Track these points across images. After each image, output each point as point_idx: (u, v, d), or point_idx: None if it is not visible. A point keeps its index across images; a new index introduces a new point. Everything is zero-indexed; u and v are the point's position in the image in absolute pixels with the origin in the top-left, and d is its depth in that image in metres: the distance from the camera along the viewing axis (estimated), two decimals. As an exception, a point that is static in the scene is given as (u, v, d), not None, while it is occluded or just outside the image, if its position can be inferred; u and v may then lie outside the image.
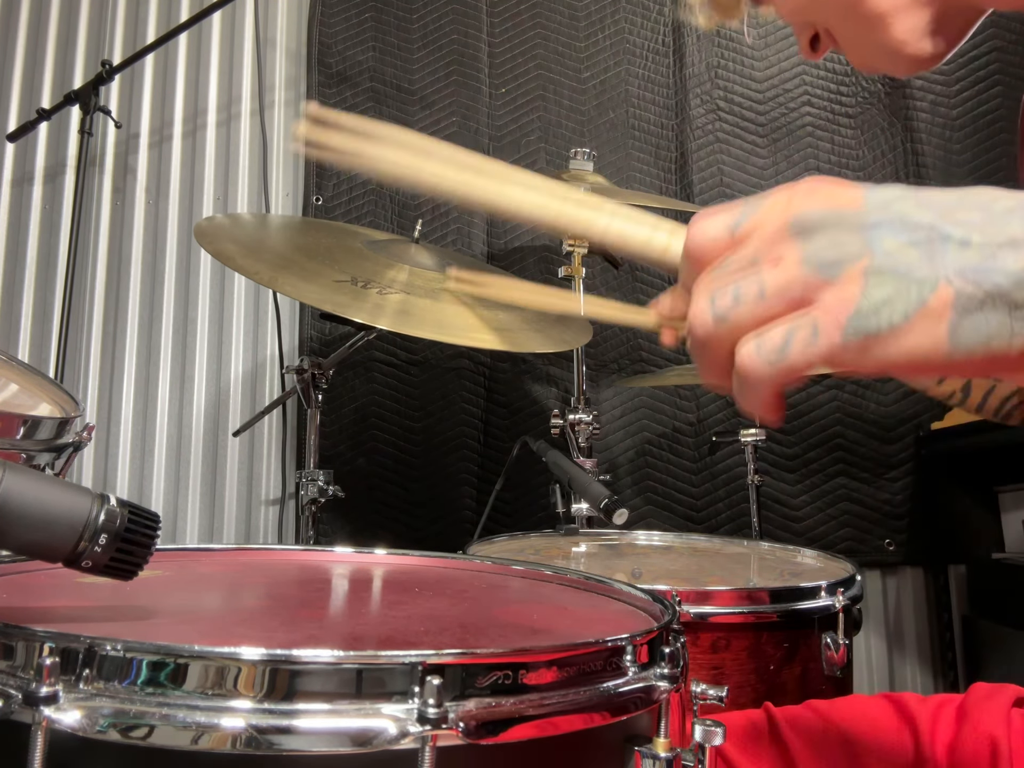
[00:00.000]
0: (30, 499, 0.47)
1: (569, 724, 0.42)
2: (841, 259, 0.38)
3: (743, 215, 0.42)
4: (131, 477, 1.93)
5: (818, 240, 0.39)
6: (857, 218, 0.39)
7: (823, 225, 0.39)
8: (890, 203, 0.39)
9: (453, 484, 1.93)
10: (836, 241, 0.38)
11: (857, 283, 0.38)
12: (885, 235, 0.38)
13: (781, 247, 0.40)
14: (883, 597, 2.02)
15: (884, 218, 0.39)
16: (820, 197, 0.40)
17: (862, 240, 0.38)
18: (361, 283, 1.25)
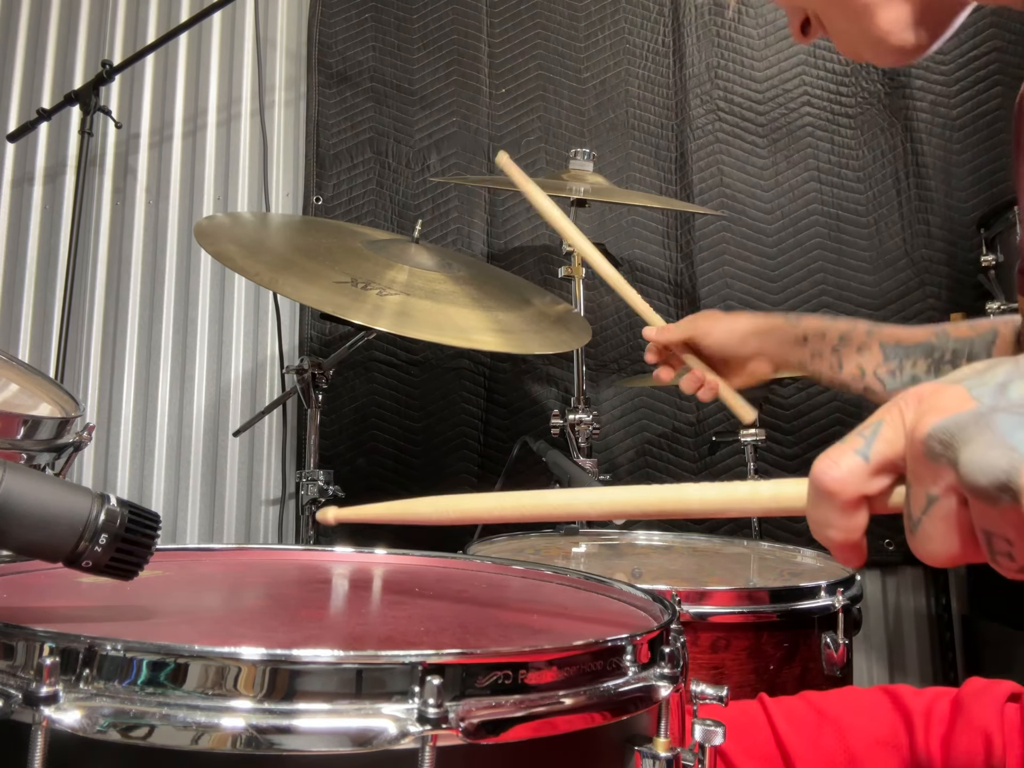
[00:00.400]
0: (30, 499, 0.47)
1: (569, 724, 0.42)
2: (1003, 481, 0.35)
3: (867, 444, 0.40)
4: (131, 477, 1.93)
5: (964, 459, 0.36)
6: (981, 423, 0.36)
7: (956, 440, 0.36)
8: (1002, 391, 0.37)
9: (453, 484, 1.93)
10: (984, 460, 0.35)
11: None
12: (1021, 433, 0.35)
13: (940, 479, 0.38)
14: (883, 597, 2.02)
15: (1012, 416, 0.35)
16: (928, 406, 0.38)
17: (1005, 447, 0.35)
18: (361, 284, 1.25)
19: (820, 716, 0.73)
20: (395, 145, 2.06)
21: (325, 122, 2.06)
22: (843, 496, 0.41)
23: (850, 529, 0.42)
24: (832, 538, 0.42)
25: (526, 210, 2.06)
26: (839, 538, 0.42)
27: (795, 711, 0.74)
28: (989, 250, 1.79)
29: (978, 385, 0.38)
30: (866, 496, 0.41)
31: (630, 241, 2.06)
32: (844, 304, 2.02)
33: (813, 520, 0.42)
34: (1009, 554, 0.37)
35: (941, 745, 0.69)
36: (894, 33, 0.68)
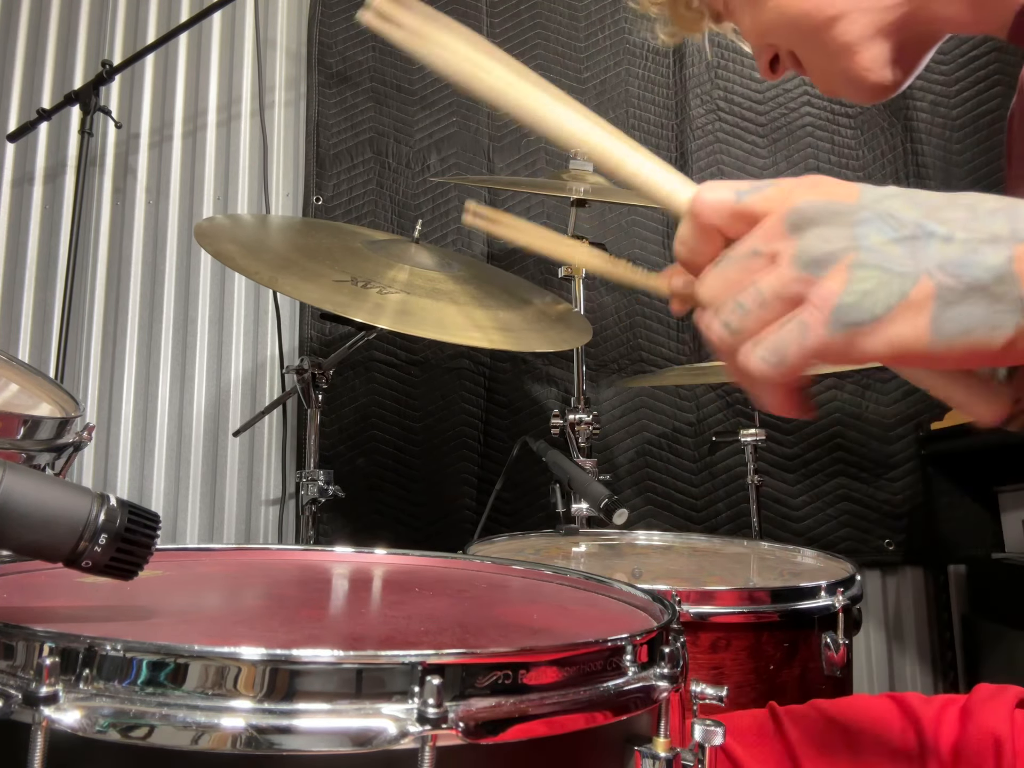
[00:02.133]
0: (30, 499, 0.47)
1: (569, 724, 0.42)
2: (829, 255, 0.40)
3: (749, 190, 0.44)
4: (131, 477, 1.93)
5: (809, 236, 0.41)
6: (849, 214, 0.41)
7: (816, 220, 0.41)
8: (881, 200, 0.41)
9: (453, 484, 1.93)
10: (826, 237, 0.40)
11: (841, 278, 0.39)
12: (872, 231, 0.40)
13: (777, 242, 0.42)
14: (883, 597, 2.02)
15: (873, 214, 0.40)
16: (820, 191, 0.42)
17: (850, 235, 0.40)
18: (361, 283, 1.25)
19: (829, 724, 0.73)
20: (395, 145, 2.07)
21: (325, 122, 2.06)
22: (702, 217, 0.45)
23: (693, 251, 0.46)
24: (677, 253, 0.47)
25: (526, 210, 2.06)
26: (682, 254, 0.47)
27: (805, 719, 0.74)
28: (989, 250, 1.79)
29: (869, 189, 0.42)
30: (719, 228, 0.45)
31: (630, 241, 2.06)
32: (844, 304, 2.02)
33: (677, 237, 0.47)
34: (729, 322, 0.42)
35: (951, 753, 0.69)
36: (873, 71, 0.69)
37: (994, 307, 0.38)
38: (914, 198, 0.41)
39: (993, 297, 0.38)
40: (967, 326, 0.39)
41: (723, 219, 0.44)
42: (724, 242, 0.45)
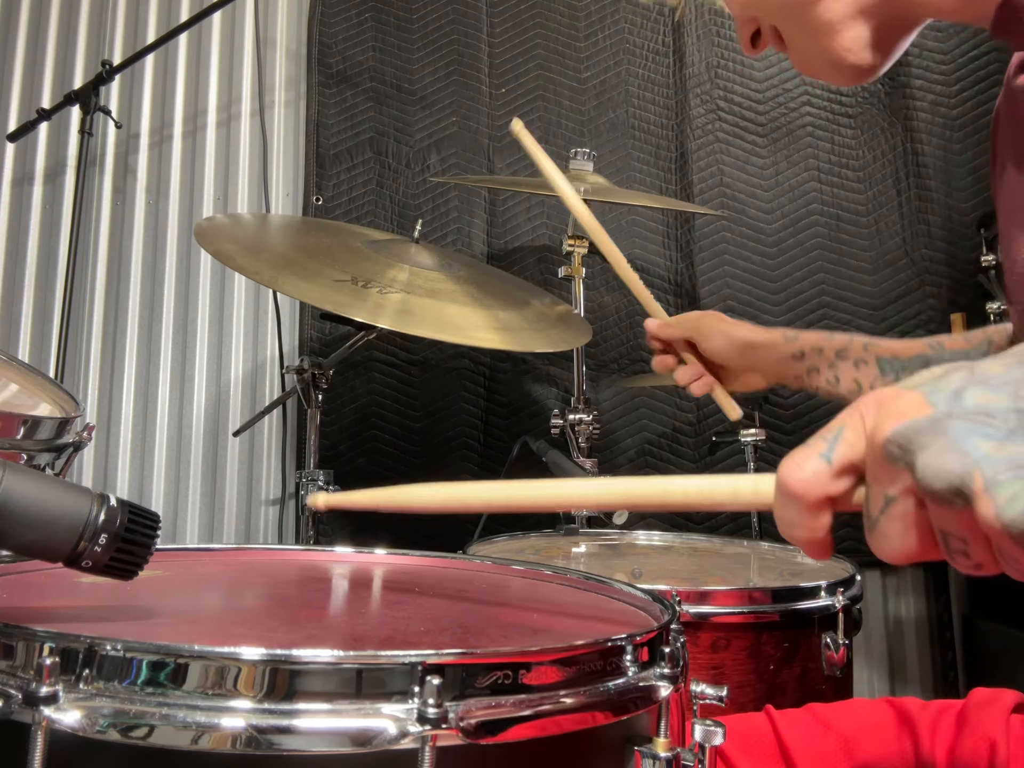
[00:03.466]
0: (30, 499, 0.47)
1: (569, 724, 0.42)
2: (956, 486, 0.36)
3: (829, 448, 0.41)
4: (131, 477, 1.93)
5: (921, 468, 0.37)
6: (939, 431, 0.37)
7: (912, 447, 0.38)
8: (956, 397, 0.38)
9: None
10: (937, 465, 0.37)
11: (986, 503, 0.36)
12: (978, 441, 0.36)
13: (898, 481, 0.39)
14: (883, 597, 2.02)
15: (963, 421, 0.37)
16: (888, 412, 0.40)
17: (959, 453, 0.36)
18: (361, 283, 1.25)
19: (826, 728, 0.73)
20: (395, 145, 2.06)
21: (325, 122, 2.06)
22: (808, 498, 0.42)
23: (815, 528, 0.43)
24: (798, 537, 0.44)
25: (526, 210, 2.06)
26: (805, 536, 0.44)
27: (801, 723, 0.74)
28: (989, 250, 1.79)
29: (934, 391, 0.39)
30: (830, 497, 0.42)
31: (630, 241, 2.06)
32: (844, 304, 2.02)
33: (780, 520, 0.44)
34: (964, 552, 0.39)
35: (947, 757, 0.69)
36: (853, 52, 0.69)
37: None
38: (986, 379, 0.39)
39: None
40: None
41: (827, 488, 0.42)
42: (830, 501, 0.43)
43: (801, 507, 0.42)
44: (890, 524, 0.40)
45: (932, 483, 0.37)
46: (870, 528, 0.41)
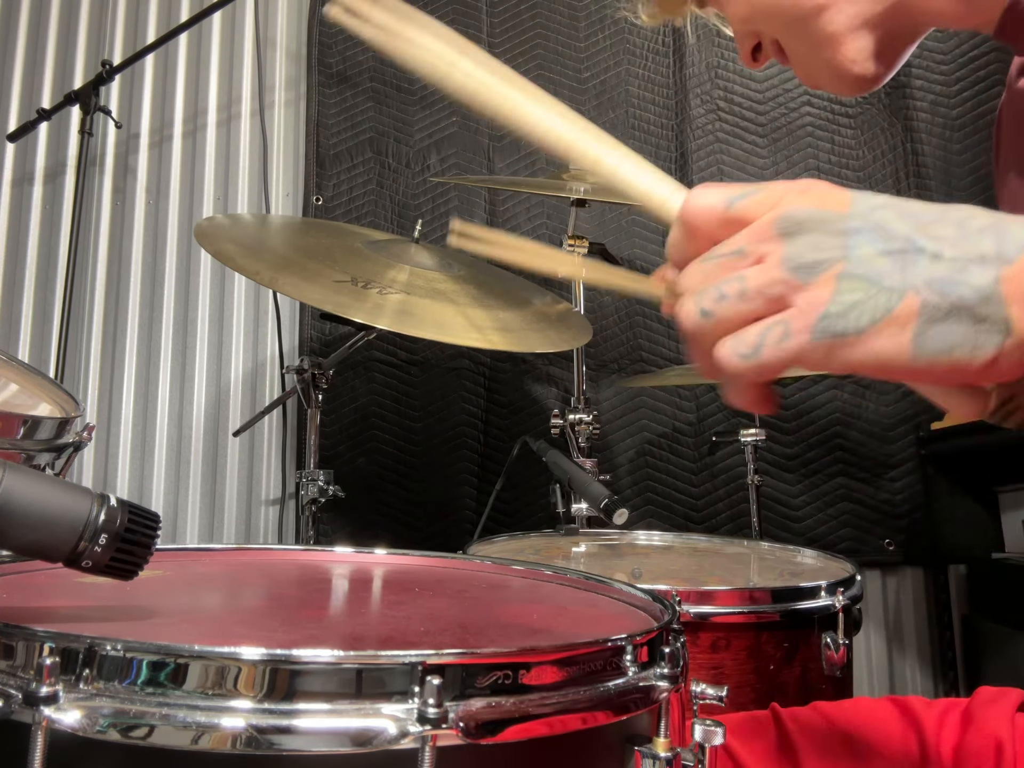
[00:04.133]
0: (30, 499, 0.47)
1: (569, 724, 0.42)
2: (818, 262, 0.40)
3: (740, 196, 0.43)
4: (131, 477, 1.93)
5: (800, 242, 0.41)
6: (840, 222, 0.41)
7: (807, 226, 0.41)
8: (874, 210, 0.41)
9: (453, 484, 1.93)
10: (816, 244, 0.40)
11: (829, 287, 0.39)
12: (862, 242, 0.40)
13: (766, 244, 0.41)
14: (883, 597, 2.02)
15: (864, 225, 0.40)
16: (811, 197, 0.42)
17: (840, 245, 0.40)
18: (361, 283, 1.25)
19: (831, 726, 0.73)
20: (395, 145, 2.07)
21: (325, 122, 2.06)
22: (692, 222, 0.44)
23: (684, 256, 0.45)
24: (669, 257, 0.47)
25: (526, 210, 2.06)
26: (672, 257, 0.46)
27: (807, 721, 0.74)
28: (989, 250, 1.79)
29: (861, 199, 0.42)
30: (708, 233, 0.44)
31: (630, 241, 2.06)
32: (844, 304, 2.02)
33: (669, 242, 0.47)
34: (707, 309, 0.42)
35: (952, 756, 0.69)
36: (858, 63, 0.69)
37: (977, 327, 0.39)
38: (906, 210, 0.41)
39: (977, 317, 0.39)
40: (950, 344, 0.39)
41: (713, 224, 0.44)
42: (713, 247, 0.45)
43: (684, 229, 0.45)
44: (712, 260, 0.43)
45: (802, 255, 0.40)
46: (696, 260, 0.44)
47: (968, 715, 0.70)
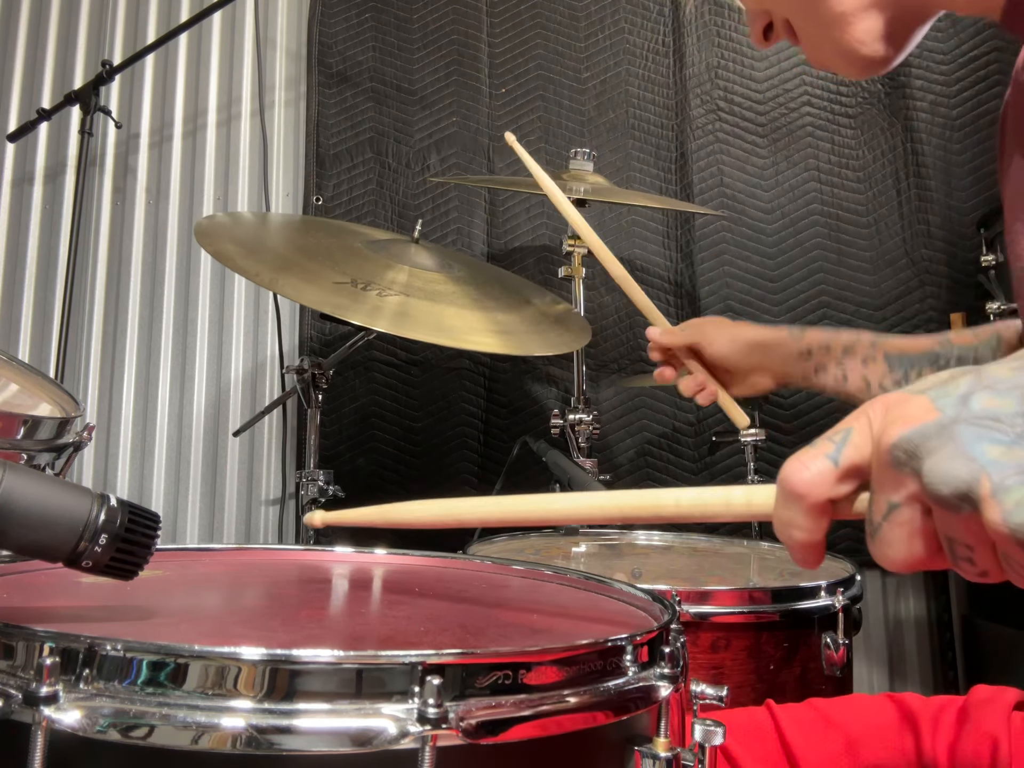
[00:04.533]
0: (30, 499, 0.47)
1: (569, 724, 0.42)
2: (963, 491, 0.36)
3: (836, 449, 0.41)
4: (131, 477, 1.93)
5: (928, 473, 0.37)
6: (947, 436, 0.37)
7: (920, 451, 0.37)
8: (963, 402, 0.38)
9: (453, 484, 1.93)
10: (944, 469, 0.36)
11: (993, 507, 0.35)
12: (986, 446, 0.36)
13: (904, 487, 0.39)
14: (883, 597, 2.02)
15: (970, 426, 0.37)
16: (896, 416, 0.39)
17: (967, 458, 0.36)
18: (361, 285, 1.25)
19: (827, 723, 0.73)
20: (395, 145, 2.06)
21: (325, 122, 2.06)
22: (811, 499, 0.42)
23: (814, 531, 0.43)
24: (795, 538, 0.43)
25: (526, 210, 2.06)
26: (803, 539, 0.43)
27: (802, 718, 0.74)
28: (989, 250, 1.79)
29: (941, 396, 0.39)
30: (832, 500, 0.42)
31: (630, 241, 2.06)
32: (844, 304, 2.02)
33: (779, 520, 0.44)
34: (970, 559, 0.38)
35: (948, 753, 0.69)
36: (866, 44, 0.69)
37: None
38: (993, 384, 0.38)
39: None
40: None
41: (832, 490, 0.41)
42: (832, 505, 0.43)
43: (803, 508, 0.42)
44: (893, 531, 0.39)
45: (939, 488, 0.36)
46: (872, 534, 0.41)
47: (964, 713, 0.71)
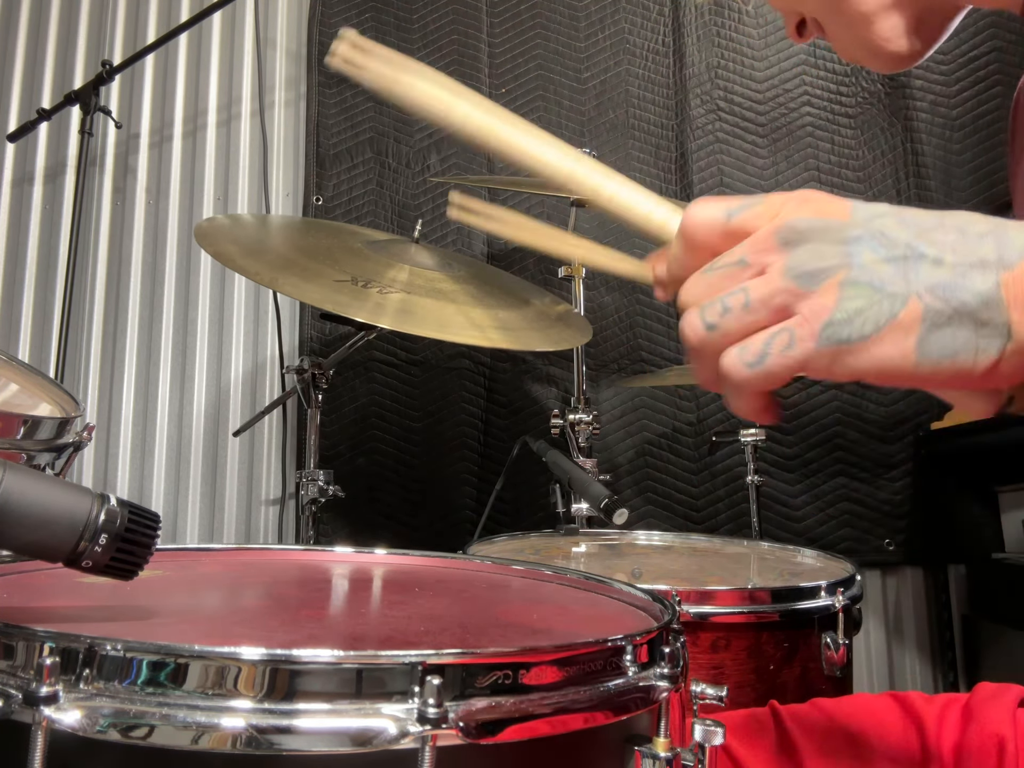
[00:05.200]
0: (30, 499, 0.47)
1: (569, 724, 0.42)
2: (821, 271, 0.40)
3: (739, 208, 0.44)
4: (131, 477, 1.93)
5: (801, 251, 0.41)
6: (841, 231, 0.41)
7: (808, 235, 0.41)
8: (873, 218, 0.41)
9: (453, 484, 1.93)
10: (818, 252, 0.40)
11: (833, 294, 0.40)
12: (864, 249, 0.40)
13: (768, 254, 0.42)
14: (883, 597, 2.02)
15: (865, 232, 0.41)
16: (811, 207, 0.42)
17: (842, 253, 0.40)
18: (361, 283, 1.25)
19: (831, 722, 0.73)
20: (395, 145, 2.07)
21: (325, 122, 2.06)
22: (692, 235, 0.45)
23: (684, 269, 0.46)
24: (669, 270, 0.47)
25: (526, 210, 2.06)
26: (672, 270, 0.47)
27: (806, 717, 0.74)
28: (989, 250, 1.79)
29: (861, 207, 0.42)
30: (711, 250, 0.44)
31: (630, 241, 2.06)
32: (844, 304, 2.02)
33: (669, 255, 0.48)
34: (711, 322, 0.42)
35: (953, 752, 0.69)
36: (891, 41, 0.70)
37: (979, 331, 0.39)
38: (905, 218, 0.42)
39: (979, 322, 0.39)
40: (953, 349, 0.39)
41: (714, 237, 0.44)
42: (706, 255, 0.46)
43: (684, 242, 0.46)
44: (715, 272, 0.43)
45: (804, 261, 0.40)
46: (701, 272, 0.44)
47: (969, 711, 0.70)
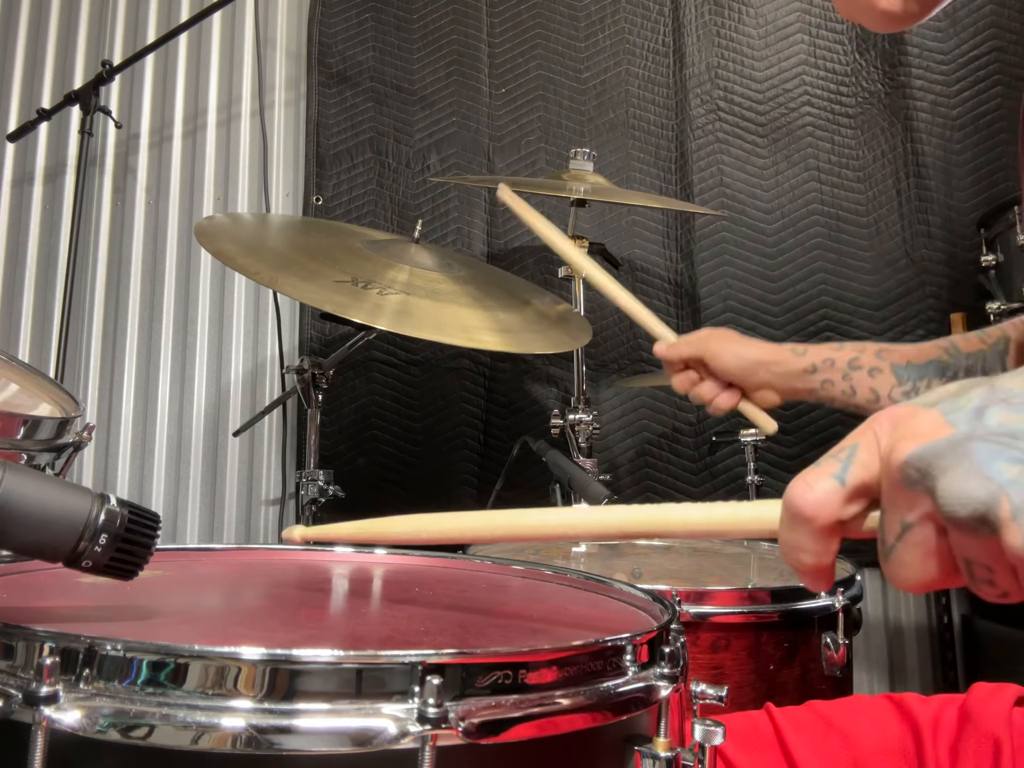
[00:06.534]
0: (30, 499, 0.46)
1: (569, 724, 0.42)
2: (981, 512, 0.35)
3: (840, 468, 0.39)
4: (131, 477, 1.93)
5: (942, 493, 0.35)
6: (961, 452, 0.35)
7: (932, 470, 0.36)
8: (977, 417, 0.36)
9: (453, 484, 1.93)
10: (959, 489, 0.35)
11: (1014, 531, 0.34)
12: (1003, 464, 0.34)
13: (917, 508, 0.37)
14: (883, 597, 2.02)
15: (985, 443, 0.35)
16: (905, 431, 0.38)
17: (984, 478, 0.35)
18: (361, 283, 1.25)
19: (827, 725, 0.73)
20: (395, 145, 2.06)
21: (325, 122, 2.06)
22: (819, 521, 0.40)
23: (822, 554, 0.41)
24: (804, 562, 0.41)
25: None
26: (811, 562, 0.41)
27: (802, 720, 0.73)
28: (989, 250, 1.79)
29: (953, 410, 0.37)
30: (841, 521, 0.40)
31: (630, 241, 2.06)
32: (844, 304, 2.02)
33: (786, 543, 0.41)
34: (990, 580, 0.36)
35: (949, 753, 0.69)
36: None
37: None
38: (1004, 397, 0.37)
39: None
40: None
41: (840, 511, 0.40)
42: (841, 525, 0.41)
43: (811, 531, 0.40)
44: (908, 552, 0.38)
45: (955, 510, 0.35)
46: (885, 555, 0.39)
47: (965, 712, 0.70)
